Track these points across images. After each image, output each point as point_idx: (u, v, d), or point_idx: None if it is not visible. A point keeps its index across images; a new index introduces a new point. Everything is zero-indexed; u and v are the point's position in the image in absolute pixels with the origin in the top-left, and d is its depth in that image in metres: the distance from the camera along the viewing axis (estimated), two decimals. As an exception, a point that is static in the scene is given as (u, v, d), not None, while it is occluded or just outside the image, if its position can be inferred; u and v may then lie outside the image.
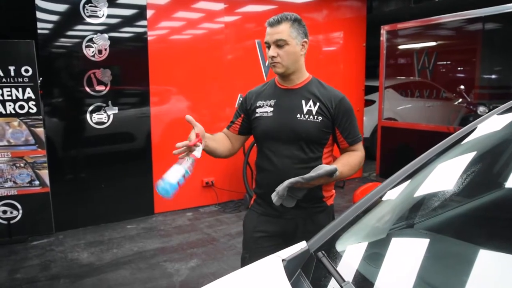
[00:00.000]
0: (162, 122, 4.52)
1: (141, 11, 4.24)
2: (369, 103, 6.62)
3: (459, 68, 5.94)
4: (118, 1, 4.09)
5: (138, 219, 4.39)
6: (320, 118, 1.68)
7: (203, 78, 4.66)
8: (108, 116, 4.15)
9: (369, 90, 6.52)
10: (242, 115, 1.82)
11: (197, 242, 3.82)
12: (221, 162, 4.74)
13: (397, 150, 5.69)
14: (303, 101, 1.70)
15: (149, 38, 4.32)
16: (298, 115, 1.68)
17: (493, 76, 5.53)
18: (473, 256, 0.97)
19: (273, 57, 1.67)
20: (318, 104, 1.69)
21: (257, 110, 1.75)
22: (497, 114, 1.39)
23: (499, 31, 5.08)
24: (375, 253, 1.09)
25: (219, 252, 3.60)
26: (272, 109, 1.72)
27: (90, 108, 4.07)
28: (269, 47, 1.69)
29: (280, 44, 1.66)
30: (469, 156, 1.32)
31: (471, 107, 5.34)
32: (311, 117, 1.68)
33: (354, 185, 5.42)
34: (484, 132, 1.35)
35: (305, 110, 1.69)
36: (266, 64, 5.10)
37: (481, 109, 5.05)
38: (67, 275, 3.18)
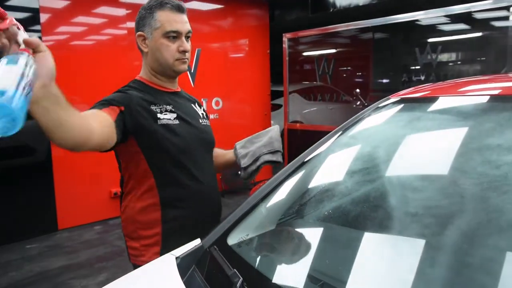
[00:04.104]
0: (64, 132, 4.25)
1: (34, 14, 3.97)
2: (276, 107, 6.90)
3: (356, 73, 6.45)
4: (6, 3, 3.78)
5: (40, 237, 4.08)
6: (208, 121, 1.59)
7: (109, 86, 4.45)
8: None
9: (276, 94, 6.79)
10: (123, 108, 1.30)
11: (106, 255, 3.66)
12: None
13: (304, 151, 5.99)
14: (192, 105, 1.54)
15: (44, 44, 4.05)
16: (201, 121, 1.50)
17: (384, 81, 6.11)
18: (358, 240, 1.05)
19: (186, 51, 1.39)
20: (201, 106, 1.61)
21: (159, 115, 1.34)
22: (374, 110, 1.57)
23: (387, 40, 5.65)
24: (264, 244, 1.16)
25: (130, 263, 3.48)
26: (175, 115, 1.39)
27: (-23, 120, 3.69)
28: (174, 38, 1.37)
29: (189, 36, 1.42)
30: (351, 150, 1.46)
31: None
32: (206, 121, 1.56)
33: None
34: (363, 127, 1.51)
35: (200, 114, 1.54)
36: (191, 70, 5.08)
37: (374, 110, 5.54)
38: (-47, 306, 2.87)
